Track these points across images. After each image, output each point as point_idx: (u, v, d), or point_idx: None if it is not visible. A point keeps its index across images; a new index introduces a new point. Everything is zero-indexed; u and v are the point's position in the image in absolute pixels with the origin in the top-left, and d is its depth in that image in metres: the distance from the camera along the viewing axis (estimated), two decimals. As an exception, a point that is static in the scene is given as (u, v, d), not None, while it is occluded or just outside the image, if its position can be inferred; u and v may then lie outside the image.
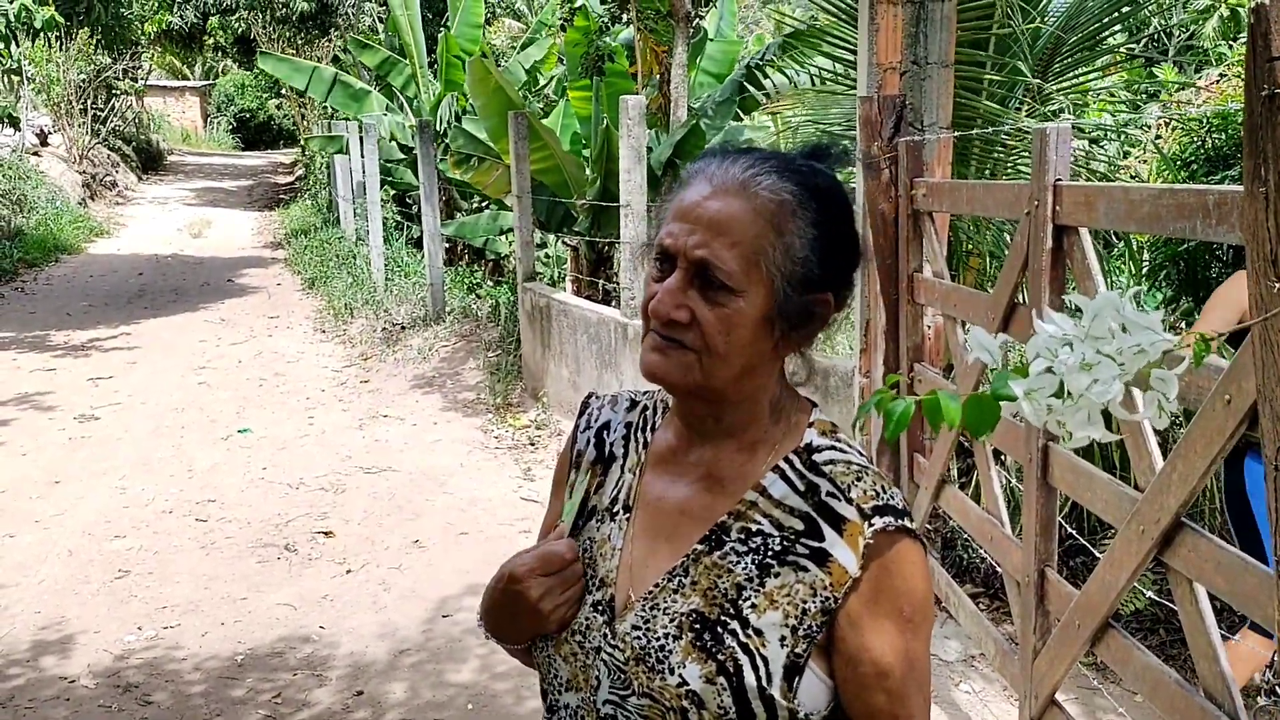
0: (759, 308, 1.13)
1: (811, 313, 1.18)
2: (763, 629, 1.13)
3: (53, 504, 5.77)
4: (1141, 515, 2.34)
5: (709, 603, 1.15)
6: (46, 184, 18.22)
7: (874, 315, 4.21)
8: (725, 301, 1.12)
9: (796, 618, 1.13)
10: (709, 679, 1.12)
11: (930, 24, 4.00)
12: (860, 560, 1.12)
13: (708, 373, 1.15)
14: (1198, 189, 2.15)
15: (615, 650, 1.19)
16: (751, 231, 1.12)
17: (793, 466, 1.19)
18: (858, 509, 1.14)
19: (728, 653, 1.13)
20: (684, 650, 1.14)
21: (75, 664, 4.07)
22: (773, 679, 1.12)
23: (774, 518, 1.17)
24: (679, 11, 8.47)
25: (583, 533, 1.29)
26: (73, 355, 9.42)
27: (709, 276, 1.12)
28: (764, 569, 1.15)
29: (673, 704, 1.14)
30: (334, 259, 13.28)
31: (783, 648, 1.12)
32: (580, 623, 1.22)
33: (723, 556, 1.17)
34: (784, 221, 1.13)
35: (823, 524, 1.14)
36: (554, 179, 9.12)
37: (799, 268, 1.14)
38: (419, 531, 5.32)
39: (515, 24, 25.42)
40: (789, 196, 1.14)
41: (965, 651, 3.93)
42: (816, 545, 1.14)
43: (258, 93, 37.20)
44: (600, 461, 1.33)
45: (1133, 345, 0.85)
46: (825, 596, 1.13)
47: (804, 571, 1.14)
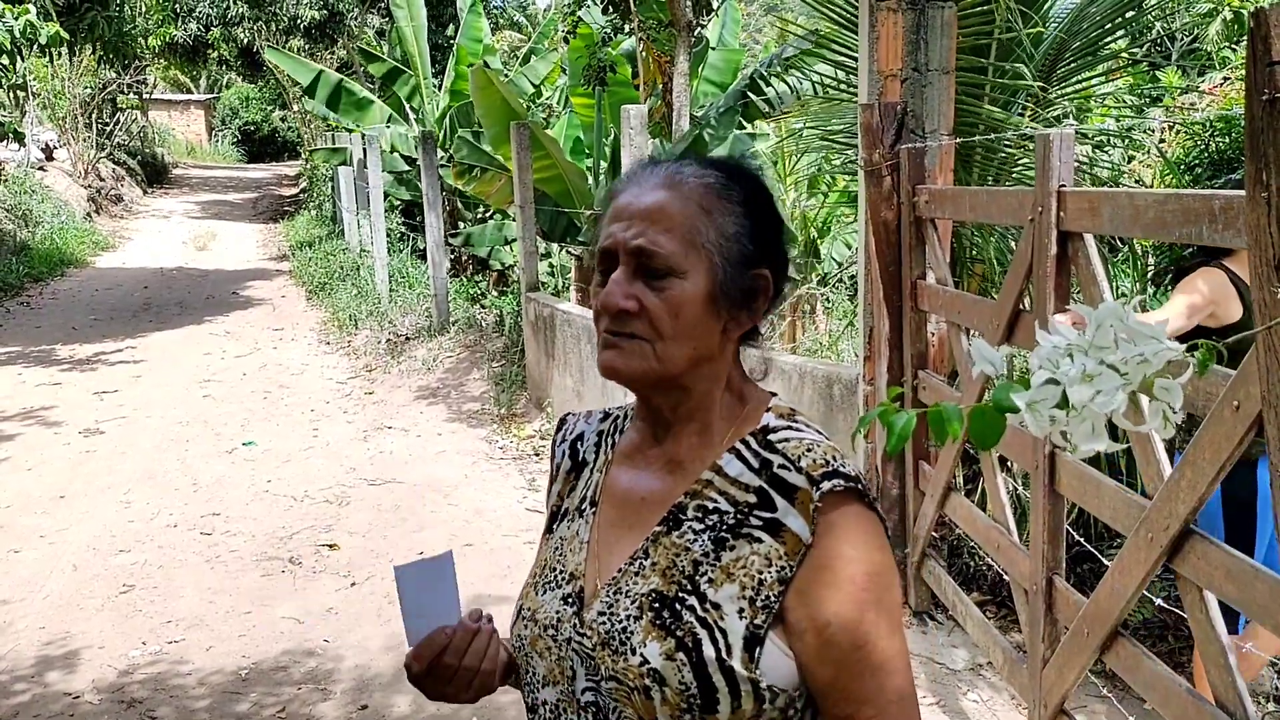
0: (702, 287, 1.17)
1: (754, 289, 1.21)
2: (720, 602, 1.13)
3: (58, 519, 5.77)
4: (1150, 522, 2.32)
5: (667, 581, 1.16)
6: (52, 198, 18.30)
7: (877, 323, 4.19)
8: (668, 285, 1.16)
9: (753, 589, 1.12)
10: (669, 655, 1.12)
11: (931, 31, 3.99)
12: (811, 526, 1.12)
13: (662, 358, 1.17)
14: (1203, 194, 2.13)
15: (584, 638, 1.20)
16: (683, 215, 1.17)
17: (748, 446, 1.20)
18: (807, 476, 1.14)
19: (686, 628, 1.13)
20: (644, 630, 1.15)
21: (80, 679, 4.06)
22: (732, 650, 1.11)
23: (729, 494, 1.18)
24: (680, 21, 8.47)
25: (555, 535, 1.33)
26: (78, 369, 9.43)
27: (650, 265, 1.16)
28: (719, 543, 1.16)
29: (636, 684, 1.14)
30: (338, 271, 13.30)
31: (741, 619, 1.12)
32: (552, 617, 1.24)
33: (680, 536, 1.18)
34: (712, 203, 1.18)
35: (774, 495, 1.15)
36: (557, 189, 9.12)
37: (733, 244, 1.18)
38: (424, 543, 5.30)
39: (516, 35, 25.49)
40: (713, 180, 1.19)
41: (973, 660, 3.91)
42: (769, 516, 1.15)
43: (262, 105, 37.32)
44: (574, 470, 1.37)
45: (1136, 355, 0.84)
46: (781, 566, 1.13)
47: (758, 543, 1.14)
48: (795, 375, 4.83)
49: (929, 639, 4.09)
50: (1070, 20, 5.10)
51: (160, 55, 24.85)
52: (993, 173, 4.98)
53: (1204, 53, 8.85)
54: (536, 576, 1.32)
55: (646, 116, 6.39)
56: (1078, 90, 5.49)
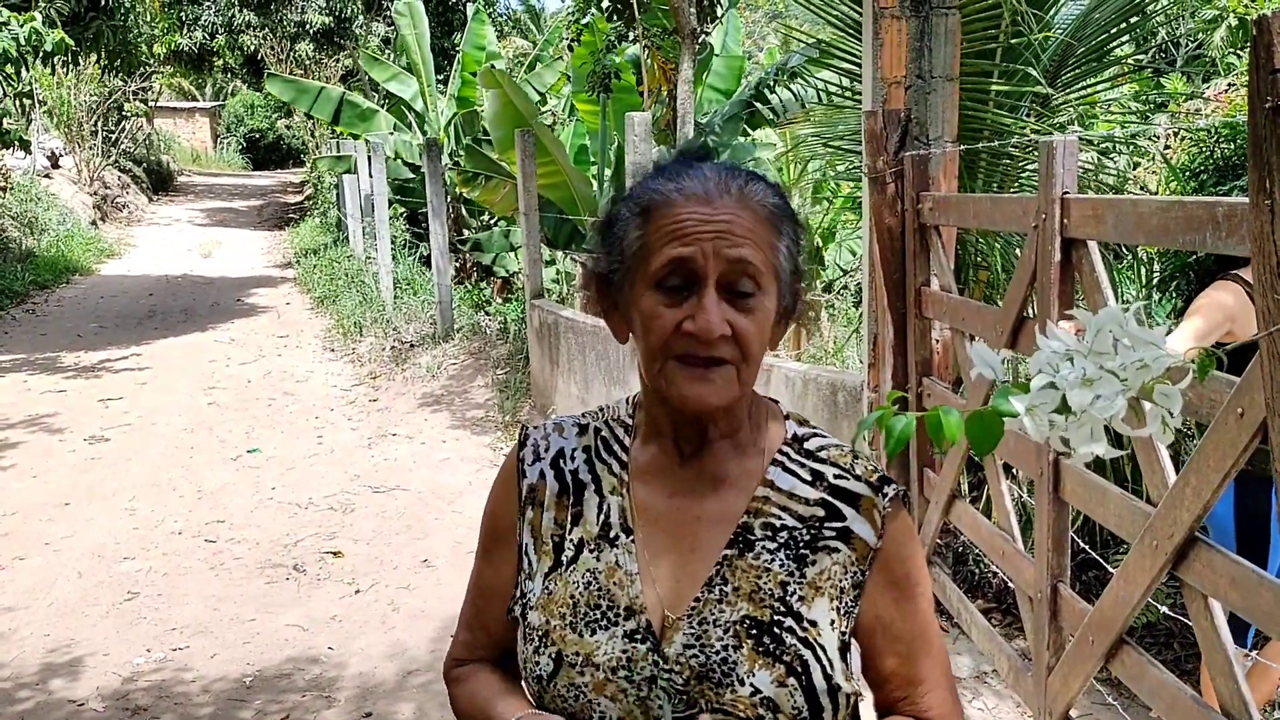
0: (773, 308, 1.18)
1: (795, 306, 1.24)
2: (816, 619, 1.17)
3: (62, 526, 5.77)
4: (1155, 530, 2.31)
5: (758, 605, 1.16)
6: (58, 206, 18.34)
7: (882, 330, 4.19)
8: (755, 306, 1.15)
9: (838, 598, 1.18)
10: (780, 682, 1.13)
11: (935, 38, 3.99)
12: (878, 531, 1.19)
13: (744, 383, 1.17)
14: (1206, 201, 2.13)
15: (672, 674, 1.14)
16: (764, 235, 1.16)
17: (789, 458, 1.24)
18: (867, 484, 1.21)
19: (791, 652, 1.15)
20: (749, 658, 1.14)
21: (84, 686, 4.06)
22: (834, 664, 1.16)
23: (791, 509, 1.21)
24: (684, 28, 8.48)
25: (575, 568, 1.23)
26: (83, 376, 9.44)
27: (737, 287, 1.14)
28: (800, 560, 1.19)
29: (748, 714, 1.12)
30: (343, 278, 13.31)
31: (833, 630, 1.17)
32: (618, 657, 1.16)
33: (755, 557, 1.19)
34: (780, 223, 1.19)
35: (841, 505, 1.21)
36: (562, 195, 9.13)
37: (789, 264, 1.20)
38: (428, 551, 5.30)
39: (522, 42, 25.54)
40: (776, 204, 1.20)
41: (978, 668, 3.90)
42: (840, 525, 1.20)
43: (267, 113, 37.41)
44: (565, 492, 1.28)
45: (1135, 360, 0.84)
46: (855, 571, 1.19)
47: (836, 553, 1.19)
48: (800, 382, 4.83)
49: (933, 646, 4.07)
50: (1075, 26, 5.10)
51: (165, 63, 24.93)
52: (998, 179, 4.97)
53: (1209, 59, 8.84)
54: (568, 617, 1.19)
55: (651, 123, 6.40)
56: (1083, 96, 5.49)
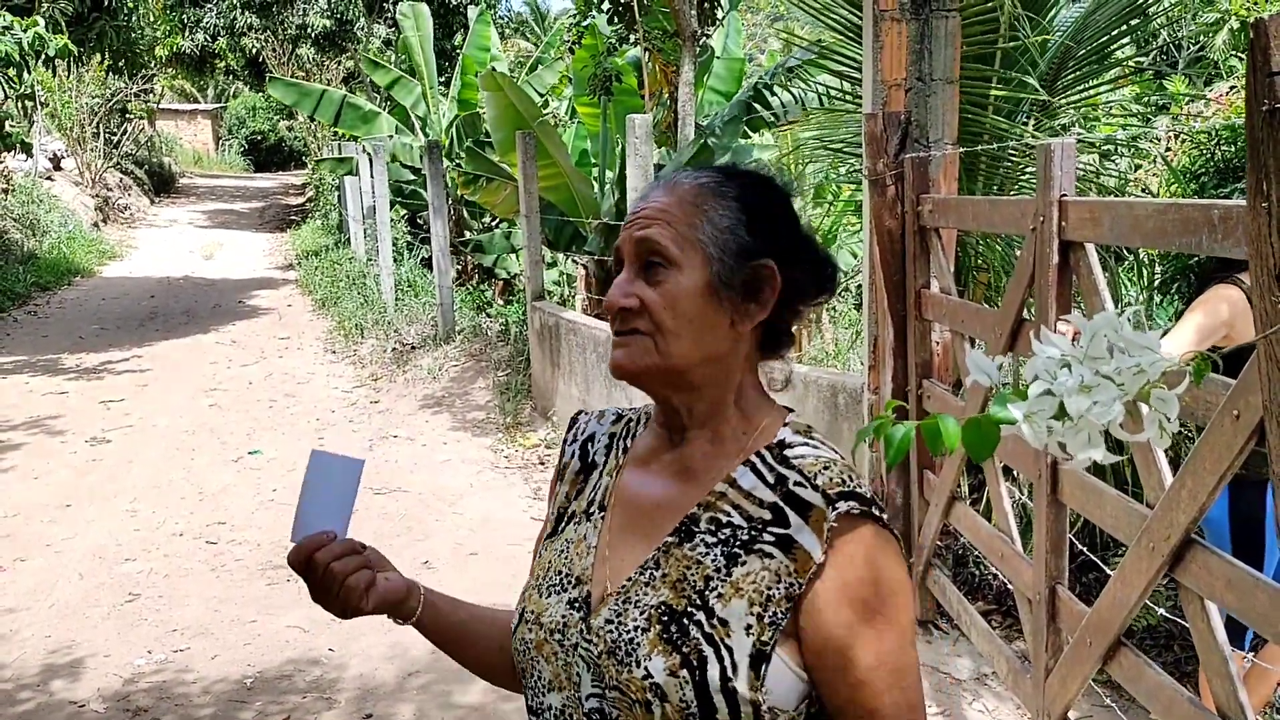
0: (698, 279, 1.19)
1: (757, 279, 1.22)
2: (728, 618, 1.13)
3: (63, 527, 5.78)
4: (1152, 532, 2.32)
5: (678, 595, 1.16)
6: (59, 208, 18.36)
7: (882, 331, 4.20)
8: (665, 278, 1.20)
9: (761, 605, 1.12)
10: (672, 671, 1.13)
11: (935, 40, 4.00)
12: (824, 545, 1.13)
13: (664, 352, 1.20)
14: (1202, 203, 2.14)
15: (590, 645, 1.20)
16: (680, 211, 1.21)
17: (763, 460, 1.20)
18: (823, 494, 1.14)
19: (692, 644, 1.13)
20: (650, 643, 1.15)
21: (85, 688, 4.07)
22: (738, 669, 1.12)
23: (743, 508, 1.18)
24: (685, 31, 8.49)
25: (560, 537, 1.34)
26: (84, 378, 9.45)
27: (649, 261, 1.21)
28: (731, 559, 1.16)
29: (638, 696, 1.15)
30: (344, 280, 13.32)
31: (748, 636, 1.12)
32: (558, 621, 1.24)
33: (693, 548, 1.18)
34: (704, 199, 1.22)
35: (789, 511, 1.15)
36: (563, 197, 9.14)
37: (727, 235, 1.21)
38: (429, 552, 5.31)
39: (524, 44, 25.56)
40: (707, 180, 1.25)
41: (977, 669, 3.90)
42: (782, 532, 1.15)
43: (269, 115, 37.43)
44: (582, 471, 1.38)
45: (1131, 365, 0.84)
46: (790, 583, 1.13)
47: (769, 558, 1.14)
48: (800, 384, 4.83)
49: (933, 648, 4.08)
50: (1075, 28, 5.10)
51: (167, 65, 24.96)
52: (998, 182, 4.98)
53: (1210, 61, 8.84)
54: (540, 579, 1.32)
55: (652, 126, 6.41)
56: (1083, 99, 5.50)
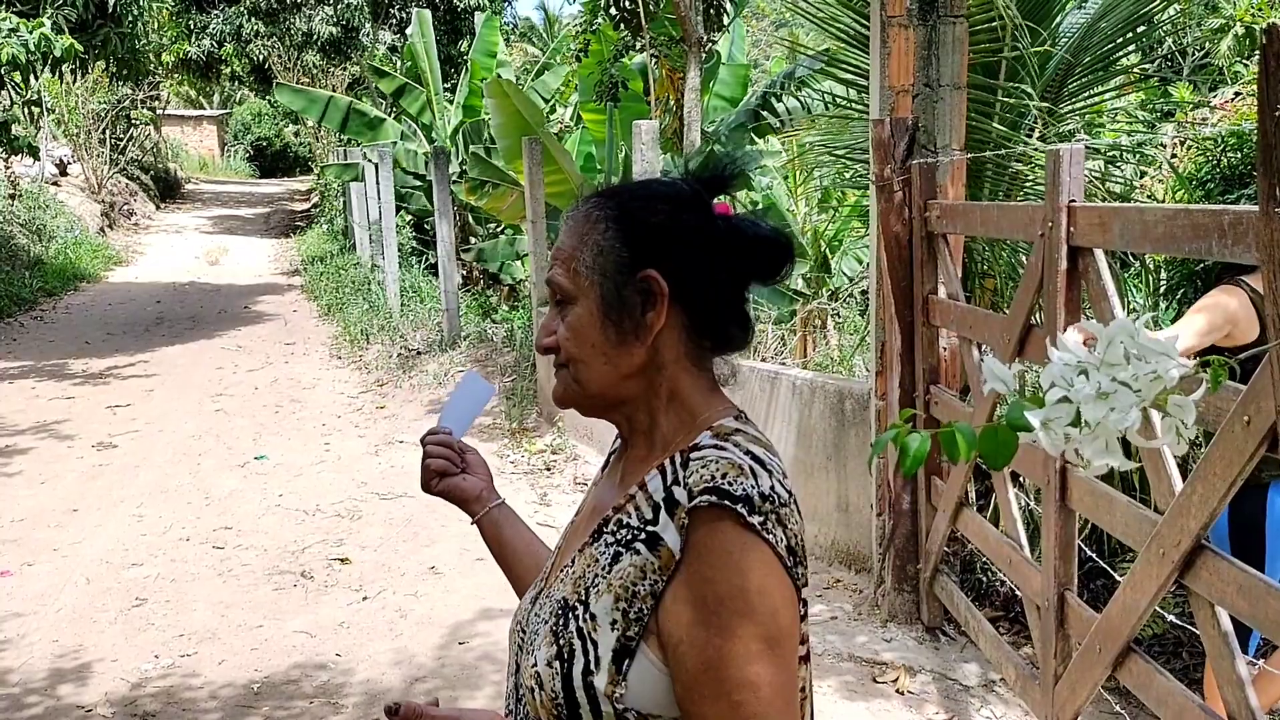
0: (592, 308, 1.24)
1: (643, 290, 1.23)
2: (597, 613, 1.17)
3: (71, 532, 5.78)
4: (1162, 538, 2.32)
5: (573, 590, 1.21)
6: (65, 213, 18.38)
7: (889, 338, 4.20)
8: (568, 313, 1.26)
9: (627, 600, 1.15)
10: (549, 662, 1.18)
11: (942, 46, 4.00)
12: (681, 541, 1.13)
13: (581, 381, 1.26)
14: (1213, 209, 2.14)
15: (522, 634, 1.30)
16: (569, 248, 1.27)
17: (672, 463, 1.20)
18: (688, 491, 1.14)
19: (567, 637, 1.18)
20: (544, 635, 1.21)
21: (92, 692, 4.07)
22: (600, 664, 1.14)
23: (640, 510, 1.20)
24: (691, 37, 8.51)
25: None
26: (91, 383, 9.46)
27: (558, 300, 1.27)
28: (615, 557, 1.19)
29: (527, 684, 1.21)
30: (350, 285, 13.33)
31: (613, 631, 1.15)
32: (521, 613, 1.34)
33: (596, 548, 1.22)
34: (584, 228, 1.26)
35: (663, 509, 1.17)
36: (569, 203, 9.13)
37: (606, 258, 1.24)
38: (435, 558, 5.31)
39: (532, 50, 25.60)
40: (588, 207, 1.28)
41: (985, 676, 3.90)
42: (652, 530, 1.17)
43: (274, 121, 37.47)
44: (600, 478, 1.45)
45: (1148, 372, 0.84)
46: (654, 580, 1.14)
47: (637, 555, 1.16)
48: (807, 390, 4.83)
49: (941, 654, 4.08)
50: (1081, 35, 5.11)
51: (173, 71, 25.01)
52: (1003, 188, 4.98)
53: (1216, 67, 8.84)
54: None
55: (658, 132, 6.41)
56: (1089, 105, 5.50)
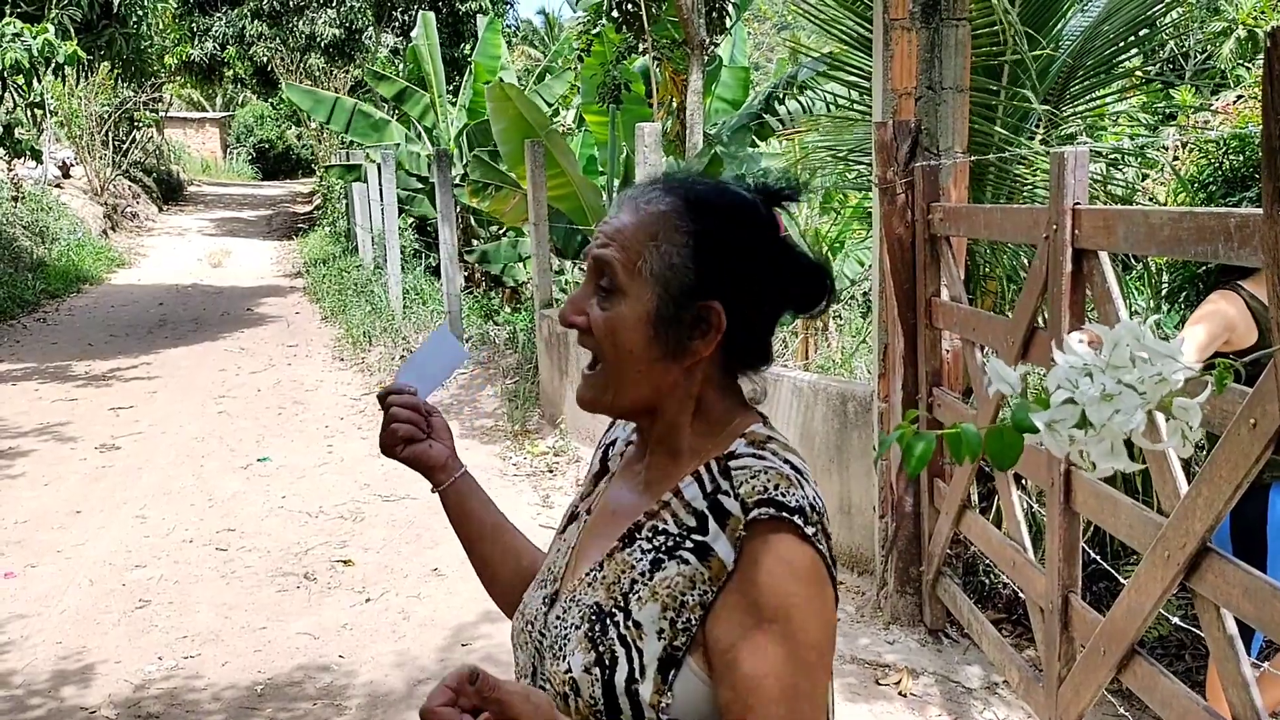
0: (640, 312, 1.20)
1: (701, 320, 1.20)
2: (642, 621, 1.16)
3: (74, 534, 5.79)
4: (1167, 541, 2.32)
5: (609, 596, 1.20)
6: (68, 215, 18.41)
7: (892, 340, 4.20)
8: (611, 304, 1.21)
9: (675, 610, 1.14)
10: (587, 669, 1.17)
11: (945, 49, 4.00)
12: (735, 553, 1.13)
13: (616, 391, 1.23)
14: (1219, 212, 2.14)
15: (544, 637, 1.27)
16: (633, 238, 1.20)
17: (709, 470, 1.21)
18: (742, 503, 1.15)
19: (608, 644, 1.17)
20: (578, 639, 1.20)
21: (95, 694, 4.07)
22: (645, 672, 1.14)
23: (678, 517, 1.20)
24: (694, 39, 8.51)
25: (561, 536, 1.40)
26: (94, 385, 9.47)
27: (599, 281, 1.22)
28: (656, 564, 1.18)
29: (558, 689, 1.19)
30: (352, 287, 13.34)
31: (659, 640, 1.14)
32: (532, 613, 1.32)
33: (630, 554, 1.21)
34: (660, 230, 1.20)
35: (710, 519, 1.17)
36: (571, 206, 9.16)
37: (675, 275, 1.19)
38: (438, 560, 5.31)
39: (534, 52, 25.63)
40: (665, 209, 1.22)
41: (988, 678, 3.89)
42: (701, 539, 1.16)
43: (277, 123, 37.52)
44: (599, 475, 1.43)
45: (1153, 374, 0.84)
46: (703, 590, 1.14)
47: (685, 564, 1.16)
48: (809, 392, 4.83)
49: (944, 656, 4.07)
50: (1083, 39, 5.11)
51: (176, 73, 25.05)
52: (1005, 192, 4.98)
53: (1218, 71, 8.84)
54: (538, 575, 1.38)
55: (660, 134, 6.42)
56: (1091, 108, 5.50)
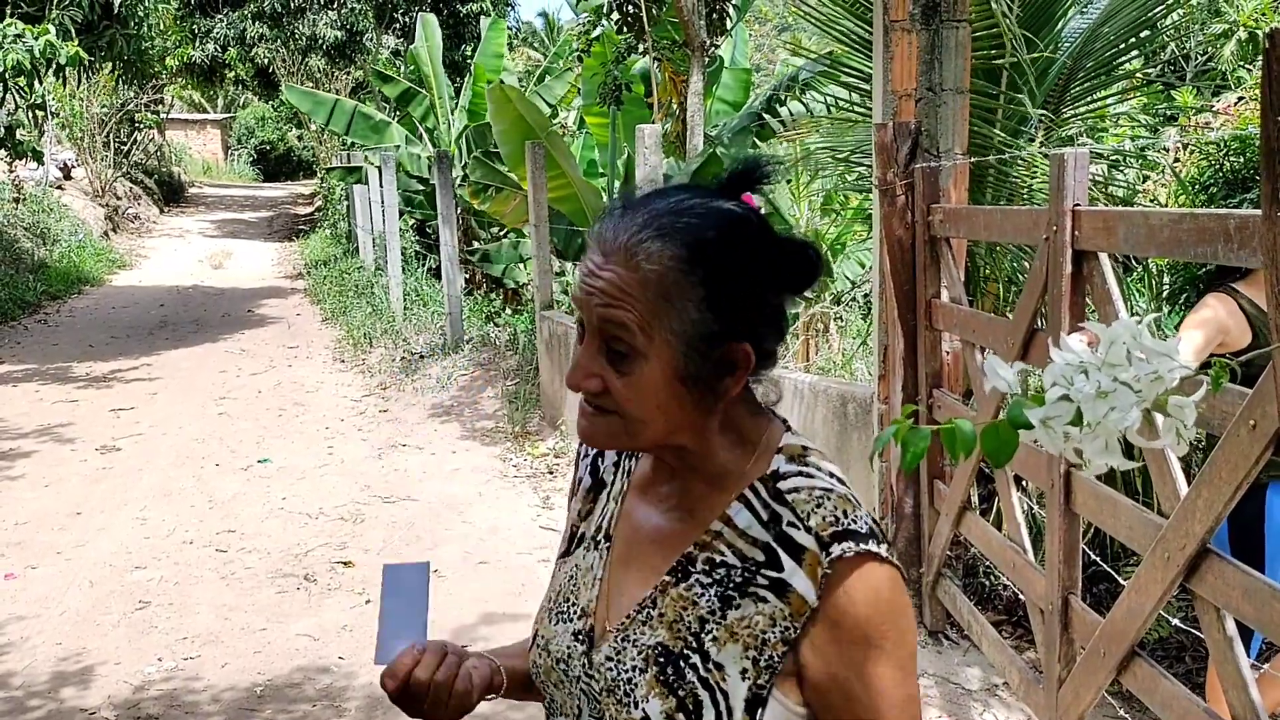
0: (664, 371, 1.13)
1: (727, 362, 1.15)
2: (723, 663, 1.12)
3: (74, 535, 5.79)
4: (1167, 542, 2.31)
5: (674, 636, 1.15)
6: (69, 217, 18.43)
7: (892, 341, 4.20)
8: (630, 369, 1.13)
9: (756, 649, 1.12)
10: (669, 715, 1.13)
11: (945, 50, 4.00)
12: (818, 590, 1.11)
13: (634, 435, 1.16)
14: (1218, 213, 2.13)
15: (591, 680, 1.20)
16: (641, 301, 1.11)
17: (758, 495, 1.17)
18: (816, 537, 1.12)
19: (688, 688, 1.13)
20: (649, 684, 1.15)
21: (95, 695, 4.07)
22: (733, 713, 1.11)
23: (737, 548, 1.16)
24: (694, 41, 8.52)
25: (570, 560, 1.32)
26: (94, 386, 9.47)
27: (610, 344, 1.13)
28: (726, 601, 1.14)
29: None
30: (353, 289, 13.35)
31: (744, 680, 1.12)
32: (563, 651, 1.25)
33: (688, 589, 1.17)
34: (671, 289, 1.11)
35: (782, 554, 1.13)
36: (572, 207, 9.16)
37: (694, 329, 1.12)
38: (438, 561, 5.29)
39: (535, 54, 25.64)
40: (671, 264, 1.11)
41: (988, 680, 3.89)
42: (776, 576, 1.13)
43: (278, 125, 37.57)
44: (592, 490, 1.36)
45: (1149, 373, 0.84)
46: (785, 627, 1.12)
47: (764, 603, 1.13)
48: (809, 393, 4.83)
49: (944, 658, 4.07)
50: (1084, 40, 5.11)
51: (177, 75, 25.07)
52: (1005, 194, 4.98)
53: (1219, 72, 8.84)
54: (552, 603, 1.31)
55: (660, 136, 6.42)
56: (1092, 110, 5.50)
